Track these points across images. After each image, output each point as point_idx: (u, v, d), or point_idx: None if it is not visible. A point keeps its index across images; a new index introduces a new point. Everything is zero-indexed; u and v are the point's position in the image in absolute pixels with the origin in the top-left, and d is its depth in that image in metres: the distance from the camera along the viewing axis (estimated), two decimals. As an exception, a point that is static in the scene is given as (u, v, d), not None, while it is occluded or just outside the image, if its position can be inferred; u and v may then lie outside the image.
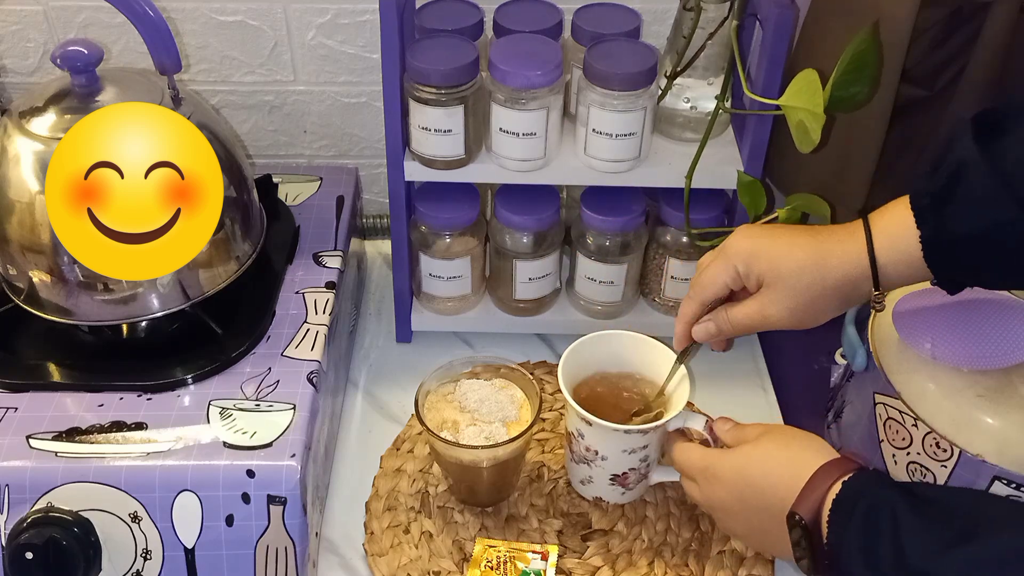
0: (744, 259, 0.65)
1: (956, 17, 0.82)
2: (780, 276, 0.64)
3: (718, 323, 0.69)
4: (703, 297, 0.68)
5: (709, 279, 0.67)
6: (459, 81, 0.77)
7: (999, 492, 0.67)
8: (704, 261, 0.71)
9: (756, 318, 0.67)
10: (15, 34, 0.97)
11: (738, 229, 0.68)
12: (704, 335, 0.70)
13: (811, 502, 0.59)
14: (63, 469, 0.67)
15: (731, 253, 0.66)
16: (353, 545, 0.78)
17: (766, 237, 0.66)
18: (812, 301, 0.65)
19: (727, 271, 0.66)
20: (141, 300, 0.75)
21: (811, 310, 0.65)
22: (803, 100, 0.69)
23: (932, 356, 0.70)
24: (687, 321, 0.71)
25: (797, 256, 0.64)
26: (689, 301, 0.70)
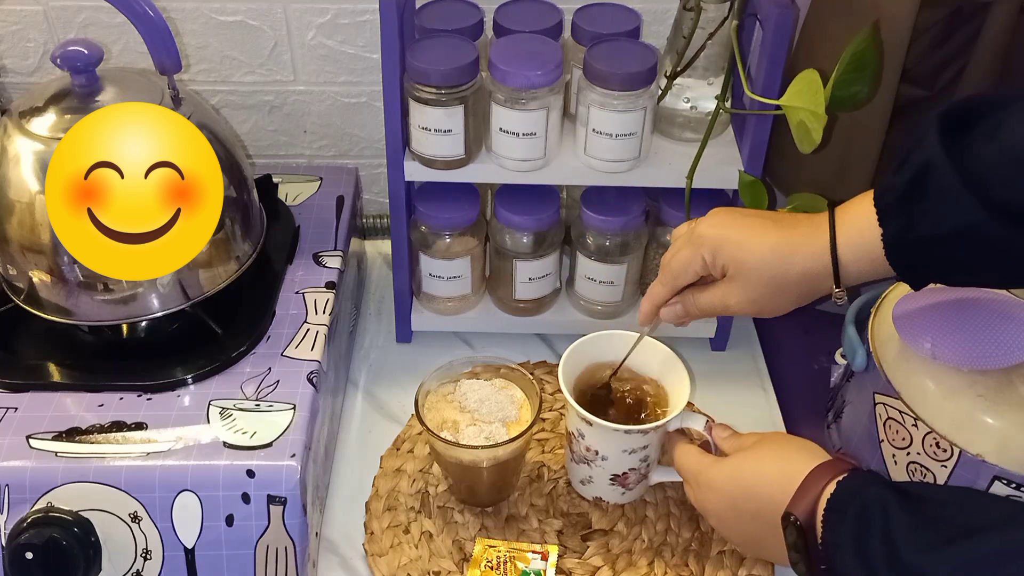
0: (711, 248, 0.66)
1: (956, 17, 0.82)
2: (743, 268, 0.65)
3: (685, 306, 0.71)
4: (675, 284, 0.70)
5: (680, 267, 0.69)
6: (459, 81, 0.77)
7: (999, 492, 0.67)
8: (677, 232, 0.71)
9: (719, 305, 0.68)
10: (15, 34, 0.97)
11: (710, 214, 0.68)
12: (672, 317, 0.72)
13: (806, 503, 0.59)
14: (63, 469, 0.67)
15: (699, 242, 0.67)
16: (353, 545, 0.78)
17: (733, 227, 0.66)
18: (773, 293, 0.66)
19: (696, 258, 0.67)
20: (141, 300, 0.75)
21: (772, 301, 0.66)
22: (804, 100, 0.69)
23: (932, 356, 0.70)
24: (656, 303, 0.72)
25: (761, 250, 0.65)
26: (661, 285, 0.71)
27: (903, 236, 0.59)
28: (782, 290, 0.65)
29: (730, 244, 0.66)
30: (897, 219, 0.59)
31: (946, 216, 0.57)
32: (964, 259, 0.59)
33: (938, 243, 0.58)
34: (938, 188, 0.57)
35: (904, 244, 0.59)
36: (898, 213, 0.59)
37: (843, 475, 0.59)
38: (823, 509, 0.58)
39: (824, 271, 0.63)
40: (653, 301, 0.72)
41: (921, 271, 0.61)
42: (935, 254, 0.59)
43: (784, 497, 0.61)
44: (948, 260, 0.59)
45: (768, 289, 0.65)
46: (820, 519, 0.58)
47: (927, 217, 0.57)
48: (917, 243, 0.59)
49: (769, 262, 0.65)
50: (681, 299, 0.71)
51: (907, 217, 0.58)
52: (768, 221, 0.66)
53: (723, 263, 0.66)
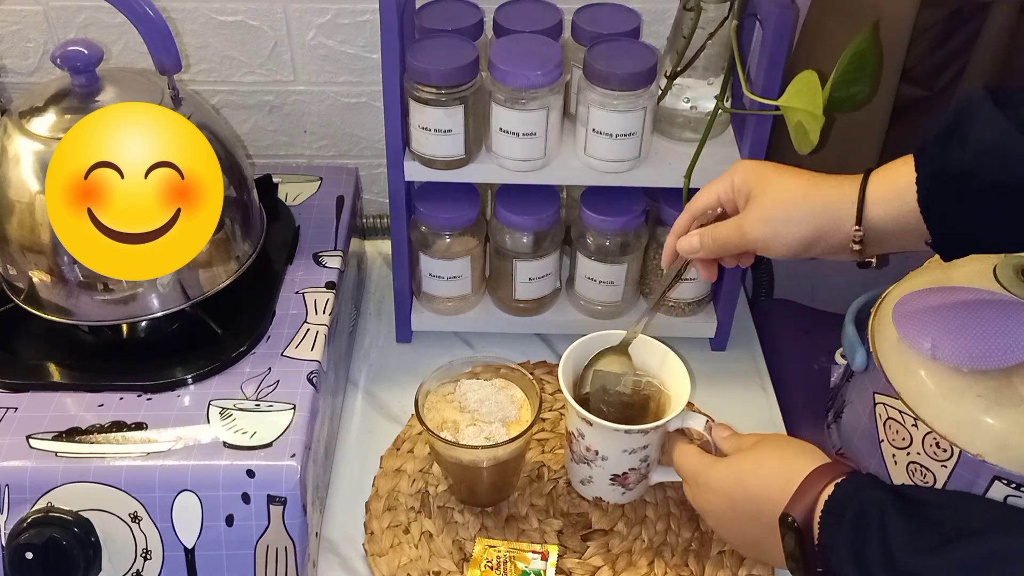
0: (742, 174, 0.66)
1: (956, 17, 0.82)
2: (767, 189, 0.65)
3: (701, 238, 0.69)
4: (694, 207, 0.69)
5: (704, 190, 0.69)
6: (459, 81, 0.77)
7: (999, 492, 0.67)
8: None
9: (735, 232, 0.66)
10: (15, 34, 0.97)
11: None
12: (687, 247, 0.70)
13: (804, 504, 0.59)
14: (63, 469, 0.67)
15: (733, 169, 0.67)
16: (353, 545, 0.78)
17: (769, 166, 0.66)
18: (788, 220, 0.63)
19: (722, 182, 0.67)
20: (141, 300, 0.75)
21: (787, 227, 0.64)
22: (802, 101, 0.69)
23: (932, 356, 0.70)
24: (677, 233, 0.71)
25: (787, 178, 0.64)
26: (684, 213, 0.71)
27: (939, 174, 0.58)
28: (798, 220, 0.63)
29: (757, 171, 0.66)
30: (933, 157, 0.59)
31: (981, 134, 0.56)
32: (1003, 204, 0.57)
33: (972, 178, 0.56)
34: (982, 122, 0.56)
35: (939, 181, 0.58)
36: (935, 151, 0.58)
37: (841, 478, 0.59)
38: (820, 511, 0.58)
39: (848, 204, 0.61)
40: (675, 232, 0.71)
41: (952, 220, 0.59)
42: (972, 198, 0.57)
43: (782, 499, 0.60)
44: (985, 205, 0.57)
45: (783, 213, 0.63)
46: (817, 521, 0.58)
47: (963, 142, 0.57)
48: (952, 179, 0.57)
49: (796, 186, 0.64)
50: (698, 232, 0.69)
51: (946, 152, 0.58)
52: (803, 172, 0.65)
53: (750, 185, 0.65)
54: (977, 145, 0.56)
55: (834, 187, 0.63)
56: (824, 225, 0.63)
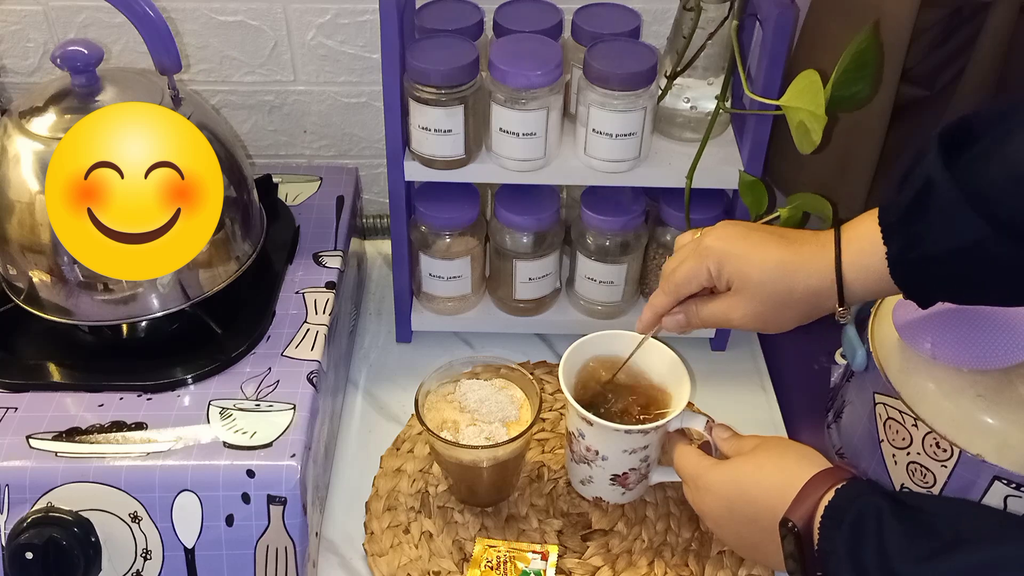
0: (716, 261, 0.66)
1: (956, 17, 0.82)
2: (747, 283, 0.65)
3: (688, 316, 0.71)
4: (678, 293, 0.70)
5: (683, 277, 0.68)
6: (459, 81, 0.77)
7: (999, 492, 0.67)
8: (681, 241, 0.71)
9: (721, 318, 0.68)
10: (15, 34, 0.97)
11: (717, 226, 0.68)
12: (674, 326, 0.72)
13: (804, 510, 0.59)
14: (63, 469, 0.67)
15: (705, 254, 0.67)
16: (353, 545, 0.78)
17: (740, 241, 0.66)
18: (776, 309, 0.66)
19: (700, 270, 0.67)
20: (141, 300, 0.75)
21: (775, 317, 0.66)
22: (804, 101, 0.69)
23: (932, 356, 0.70)
24: (658, 312, 0.72)
25: (766, 266, 0.65)
26: (663, 295, 0.71)
27: (907, 254, 0.59)
28: (786, 306, 0.65)
29: (735, 257, 0.66)
30: (900, 237, 0.59)
31: (949, 234, 0.56)
32: (970, 277, 0.58)
33: (942, 261, 0.58)
34: (940, 205, 0.56)
35: (908, 263, 0.59)
36: (901, 231, 0.59)
37: (842, 483, 0.59)
38: (820, 517, 0.58)
39: (829, 289, 0.63)
40: (655, 310, 0.72)
41: (927, 289, 0.61)
42: (940, 272, 0.59)
43: (782, 504, 0.61)
44: (953, 278, 0.59)
45: (772, 305, 0.65)
46: (817, 527, 0.58)
47: (930, 235, 0.57)
48: (921, 261, 0.59)
49: (774, 278, 0.64)
50: (684, 309, 0.71)
51: (910, 235, 0.58)
52: (775, 237, 0.66)
53: (728, 276, 0.66)
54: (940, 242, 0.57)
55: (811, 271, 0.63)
56: (809, 310, 0.65)
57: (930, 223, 0.57)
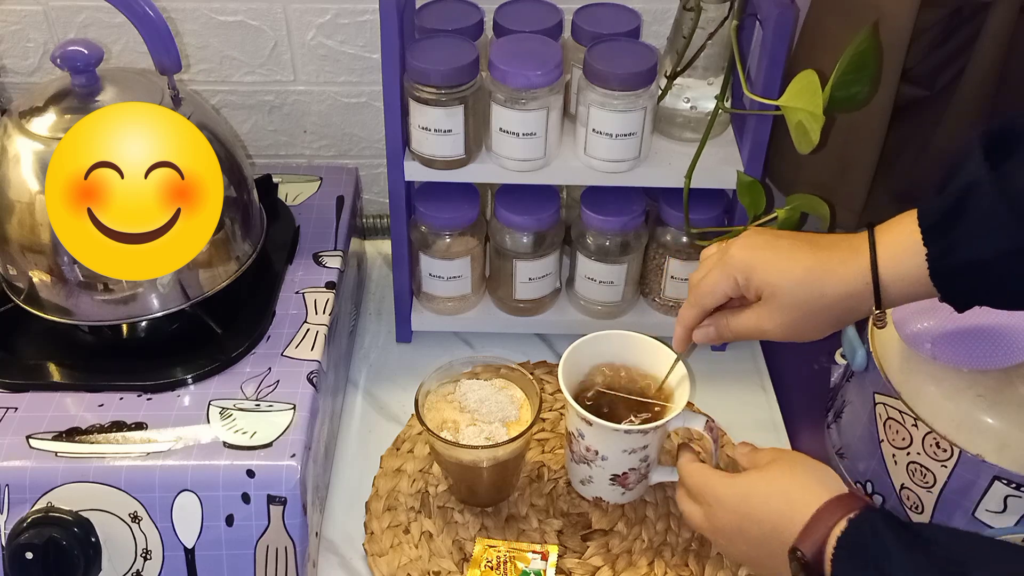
0: (743, 271, 0.65)
1: (956, 17, 0.82)
2: (777, 292, 0.63)
3: (719, 329, 0.69)
4: (703, 305, 0.68)
5: (709, 288, 0.67)
6: (459, 81, 0.77)
7: (999, 492, 0.67)
8: (706, 253, 0.70)
9: (754, 330, 0.66)
10: (15, 34, 0.97)
11: (742, 235, 0.67)
12: (704, 339, 0.70)
13: (814, 539, 0.58)
14: (63, 469, 0.67)
15: (731, 264, 0.65)
16: (353, 545, 0.78)
17: (767, 249, 0.64)
18: (808, 317, 0.64)
19: (727, 281, 0.66)
20: (141, 300, 0.75)
21: (808, 326, 0.64)
22: (803, 101, 0.69)
23: (932, 356, 0.70)
24: (687, 326, 0.70)
25: (796, 273, 0.63)
26: (690, 307, 0.69)
27: (948, 258, 0.58)
28: (818, 314, 0.63)
29: (763, 266, 0.64)
30: (941, 240, 0.58)
31: (990, 239, 0.55)
32: (1008, 284, 0.57)
33: (983, 267, 0.56)
34: (982, 211, 0.55)
35: (949, 267, 0.58)
36: (942, 235, 0.58)
37: (854, 512, 0.58)
38: (833, 548, 0.57)
39: (863, 293, 0.61)
40: (685, 324, 0.70)
41: (967, 294, 0.60)
42: (981, 278, 0.57)
43: (791, 529, 0.59)
44: (994, 284, 0.58)
45: (802, 313, 0.63)
46: (830, 557, 0.57)
47: (971, 240, 0.56)
48: (962, 266, 0.57)
49: (803, 285, 0.62)
50: (714, 322, 0.69)
51: (951, 239, 0.57)
52: (802, 243, 0.64)
53: (757, 286, 0.64)
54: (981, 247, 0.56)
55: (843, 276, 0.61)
56: (843, 315, 0.63)
57: (972, 228, 0.56)
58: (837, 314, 0.63)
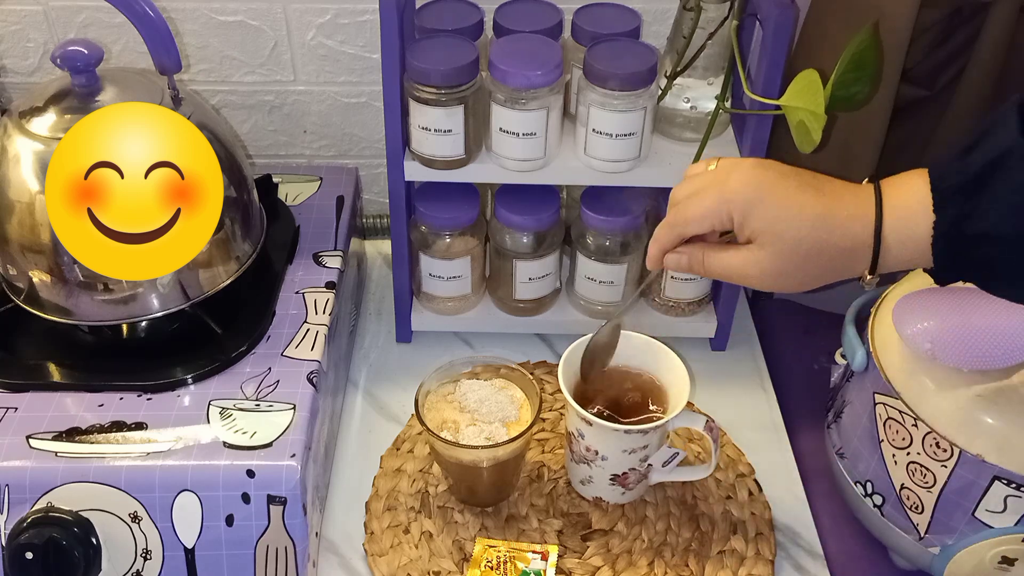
0: (742, 208, 0.58)
1: (956, 17, 0.82)
2: (779, 239, 0.58)
3: (692, 261, 0.63)
4: (686, 232, 0.61)
5: (697, 215, 0.60)
6: (459, 81, 0.77)
7: (999, 492, 0.67)
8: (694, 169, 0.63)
9: (735, 273, 0.61)
10: (15, 34, 0.97)
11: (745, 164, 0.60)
12: (674, 266, 0.63)
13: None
14: (63, 469, 0.67)
15: (728, 196, 0.59)
16: (353, 545, 0.78)
17: (770, 188, 0.58)
18: (801, 269, 0.59)
19: (718, 214, 0.59)
20: (141, 300, 0.75)
21: (799, 276, 0.59)
22: (804, 100, 0.69)
23: (932, 356, 0.70)
24: (662, 248, 0.63)
25: (800, 222, 0.57)
26: (668, 229, 0.62)
27: (958, 227, 0.53)
28: (812, 266, 0.58)
29: (766, 208, 0.58)
30: (955, 207, 0.53)
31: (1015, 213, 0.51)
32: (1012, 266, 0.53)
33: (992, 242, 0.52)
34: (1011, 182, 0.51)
35: (956, 237, 0.54)
36: (960, 201, 0.53)
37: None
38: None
39: (862, 253, 0.57)
40: (660, 245, 0.63)
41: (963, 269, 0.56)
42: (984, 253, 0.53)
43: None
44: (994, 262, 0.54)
45: (799, 263, 0.58)
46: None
47: (991, 212, 0.52)
48: (973, 237, 0.53)
49: (807, 236, 0.57)
50: (688, 252, 0.62)
51: (970, 206, 0.52)
52: (809, 187, 0.58)
53: (753, 228, 0.58)
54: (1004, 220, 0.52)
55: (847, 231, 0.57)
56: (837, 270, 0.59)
57: (996, 199, 0.51)
58: (832, 268, 0.59)
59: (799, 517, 0.81)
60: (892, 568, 0.79)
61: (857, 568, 0.80)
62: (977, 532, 0.70)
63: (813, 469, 0.86)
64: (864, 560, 0.80)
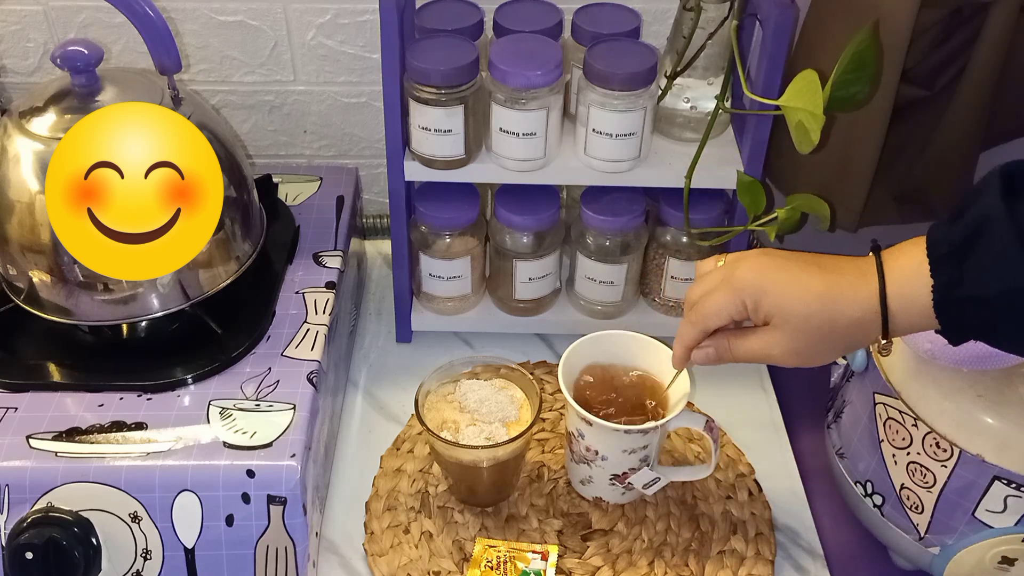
0: (753, 295, 0.62)
1: (956, 17, 0.82)
2: (788, 319, 0.62)
3: (719, 351, 0.67)
4: (707, 326, 0.66)
5: (714, 310, 0.64)
6: (459, 81, 0.77)
7: (999, 492, 0.68)
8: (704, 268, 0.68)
9: (760, 355, 0.65)
10: (15, 34, 0.97)
11: (749, 256, 0.65)
12: (704, 361, 0.68)
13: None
14: (63, 469, 0.67)
15: (739, 287, 0.63)
16: (353, 545, 0.78)
17: (775, 271, 0.63)
18: (818, 343, 0.62)
19: (733, 304, 0.63)
20: (141, 300, 0.75)
21: (817, 352, 0.63)
22: (803, 100, 0.69)
23: (932, 356, 0.70)
24: (687, 346, 0.68)
25: (807, 299, 0.61)
26: (691, 327, 0.67)
27: (952, 292, 0.57)
28: (828, 340, 0.62)
29: (773, 291, 0.62)
30: (948, 273, 0.57)
31: (998, 277, 0.55)
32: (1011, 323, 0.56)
33: (989, 303, 0.55)
34: (995, 245, 0.55)
35: (953, 301, 0.57)
36: (950, 267, 0.57)
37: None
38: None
39: (873, 321, 0.60)
40: (684, 344, 0.68)
41: (965, 328, 0.59)
42: (982, 314, 0.57)
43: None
44: (994, 322, 0.57)
45: (814, 339, 0.62)
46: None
47: (979, 275, 0.55)
48: (967, 300, 0.56)
49: (816, 311, 0.61)
50: (714, 343, 0.66)
51: (959, 272, 0.56)
52: (812, 266, 0.62)
53: (766, 311, 0.62)
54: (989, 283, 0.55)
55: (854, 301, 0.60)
56: (853, 341, 0.63)
57: (981, 263, 0.55)
58: (845, 342, 0.62)
59: (799, 517, 0.81)
60: (892, 568, 0.80)
61: (857, 568, 0.80)
62: (977, 532, 0.70)
63: (813, 469, 0.86)
64: (864, 560, 0.80)
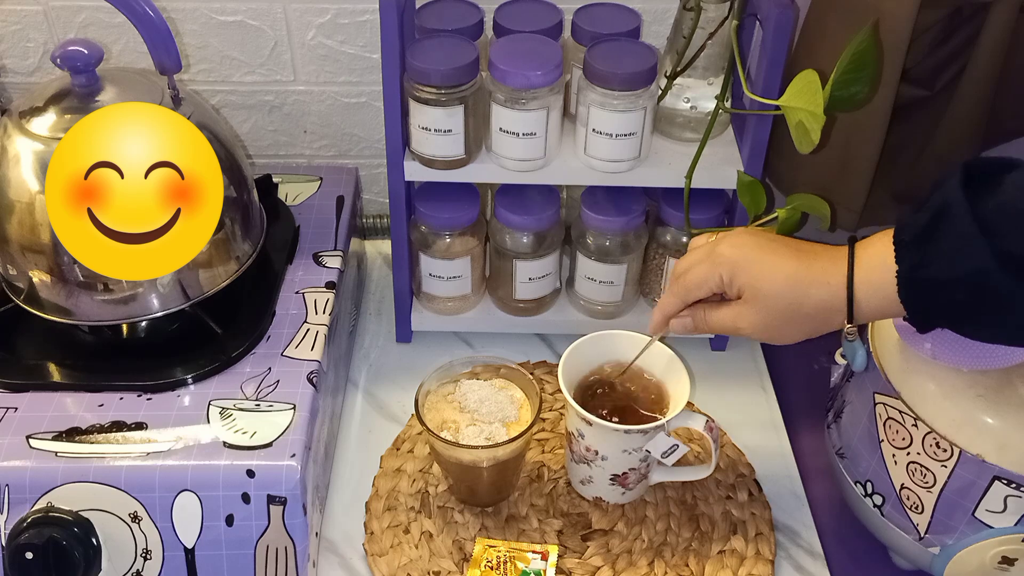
0: (729, 269, 0.66)
1: (956, 17, 0.82)
2: (759, 294, 0.65)
3: (696, 321, 0.71)
4: (687, 297, 0.70)
5: (695, 282, 0.68)
6: (459, 81, 0.77)
7: (999, 492, 0.67)
8: (697, 242, 0.71)
9: (729, 326, 0.68)
10: (15, 34, 0.97)
11: (733, 233, 0.68)
12: (681, 329, 0.72)
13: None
14: (63, 469, 0.67)
15: (718, 260, 0.67)
16: (353, 545, 0.78)
17: (753, 250, 0.66)
18: (785, 322, 0.66)
19: (712, 278, 0.67)
20: (141, 300, 0.75)
21: (783, 330, 0.67)
22: (803, 100, 0.69)
23: (932, 356, 0.70)
24: (667, 314, 0.72)
25: (778, 278, 0.65)
26: (673, 296, 0.71)
27: (915, 274, 0.59)
28: (795, 320, 0.65)
29: (749, 267, 0.66)
30: (911, 257, 0.59)
31: (957, 260, 0.57)
32: (971, 307, 0.58)
33: (947, 286, 0.58)
34: (953, 230, 0.57)
35: (915, 283, 0.59)
36: (913, 251, 0.59)
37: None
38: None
39: (839, 305, 0.63)
40: (664, 312, 0.72)
41: (930, 314, 0.61)
42: (944, 298, 0.59)
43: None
44: (956, 306, 0.59)
45: (781, 317, 0.66)
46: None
47: (939, 258, 0.58)
48: (928, 284, 0.59)
49: (784, 291, 0.65)
50: (692, 313, 0.71)
51: (921, 256, 0.59)
52: (789, 249, 0.66)
53: (739, 285, 0.66)
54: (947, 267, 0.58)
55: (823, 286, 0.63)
56: (818, 325, 0.65)
57: (941, 247, 0.58)
58: (811, 324, 0.65)
59: (799, 517, 0.81)
60: (892, 568, 0.80)
61: (857, 568, 0.80)
62: (977, 532, 0.70)
63: (813, 469, 0.86)
64: (864, 560, 0.80)
